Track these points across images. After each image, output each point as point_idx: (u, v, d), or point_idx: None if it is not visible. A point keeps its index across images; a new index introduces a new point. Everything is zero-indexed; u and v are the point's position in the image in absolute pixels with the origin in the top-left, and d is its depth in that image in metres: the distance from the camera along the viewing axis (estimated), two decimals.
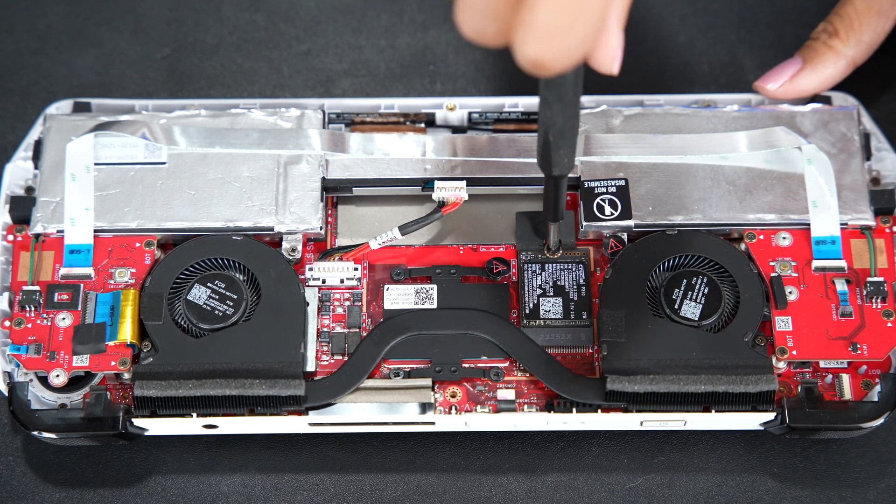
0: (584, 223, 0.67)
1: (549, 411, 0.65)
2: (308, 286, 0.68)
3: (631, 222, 0.67)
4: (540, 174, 0.60)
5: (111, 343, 0.65)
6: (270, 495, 0.67)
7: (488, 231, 0.70)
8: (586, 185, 0.68)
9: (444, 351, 0.66)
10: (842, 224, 0.67)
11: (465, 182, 0.68)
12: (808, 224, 0.67)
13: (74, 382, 0.66)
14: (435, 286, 0.68)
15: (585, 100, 0.70)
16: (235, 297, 0.65)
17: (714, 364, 0.64)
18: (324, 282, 0.68)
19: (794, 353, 0.65)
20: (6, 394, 0.65)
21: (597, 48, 0.51)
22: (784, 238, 0.67)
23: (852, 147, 0.68)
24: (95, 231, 0.67)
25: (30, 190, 0.70)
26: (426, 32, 0.79)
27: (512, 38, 0.47)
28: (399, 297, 0.67)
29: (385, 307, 0.67)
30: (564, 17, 0.46)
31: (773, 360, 0.65)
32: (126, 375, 0.65)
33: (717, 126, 0.69)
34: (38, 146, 0.70)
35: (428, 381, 0.65)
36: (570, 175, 0.68)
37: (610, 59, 0.51)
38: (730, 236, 0.68)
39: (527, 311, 0.67)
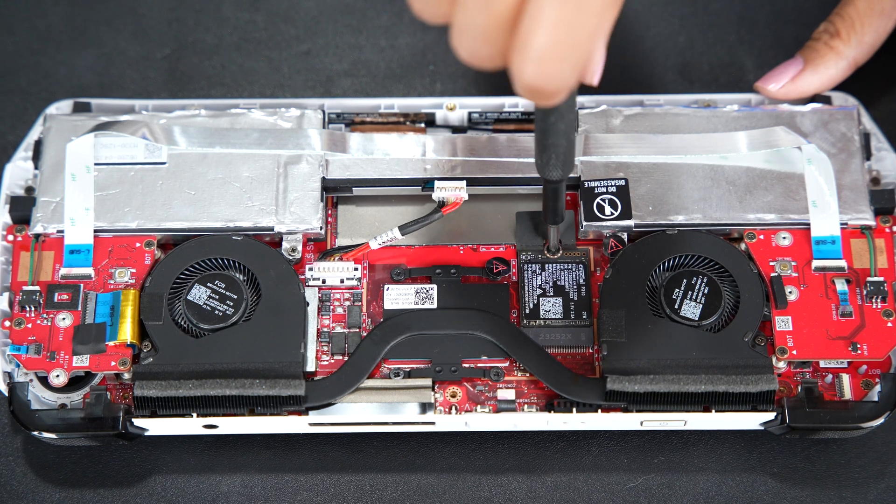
0: (584, 223, 0.67)
1: (549, 411, 0.65)
2: (308, 286, 0.68)
3: (631, 222, 0.67)
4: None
5: (111, 343, 0.65)
6: (270, 495, 0.67)
7: (488, 231, 0.70)
8: (586, 185, 0.68)
9: (444, 351, 0.66)
10: (842, 224, 0.67)
11: (465, 182, 0.68)
12: (808, 224, 0.67)
13: (74, 382, 0.66)
14: (435, 286, 0.68)
15: (585, 100, 0.70)
16: (235, 297, 0.65)
17: (714, 364, 0.64)
18: (324, 282, 0.68)
19: (795, 352, 0.65)
20: (6, 394, 0.65)
21: None
22: (784, 238, 0.67)
23: (852, 147, 0.68)
24: (95, 231, 0.67)
25: (30, 190, 0.70)
26: (426, 32, 0.79)
27: (509, 64, 0.48)
28: (399, 297, 0.67)
29: (385, 307, 0.67)
30: (558, 43, 0.47)
31: (773, 359, 0.65)
32: (126, 375, 0.65)
33: (717, 126, 0.69)
34: (38, 146, 0.70)
35: (428, 381, 0.65)
36: (570, 175, 0.68)
37: (591, 72, 0.54)
38: (730, 236, 0.68)
39: (527, 311, 0.67)
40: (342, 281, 0.68)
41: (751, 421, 0.65)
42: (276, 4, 0.80)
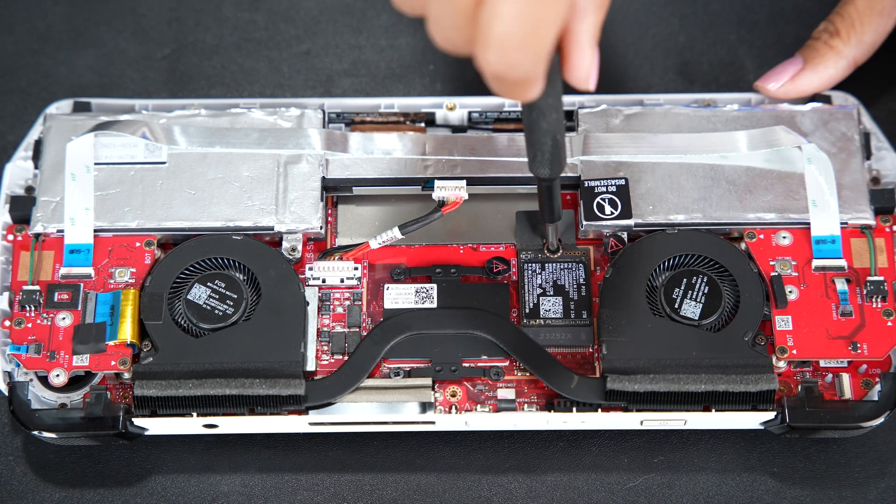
0: (584, 222, 0.67)
1: (549, 411, 0.65)
2: (308, 286, 0.68)
3: (631, 221, 0.67)
4: None
5: (111, 343, 0.65)
6: (270, 495, 0.67)
7: (488, 231, 0.70)
8: (586, 185, 0.68)
9: (444, 350, 0.66)
10: (842, 223, 0.67)
11: (465, 181, 0.68)
12: (808, 223, 0.67)
13: (74, 382, 0.66)
14: (435, 286, 0.68)
15: (585, 99, 0.71)
16: (235, 296, 0.65)
17: (714, 363, 0.64)
18: (324, 281, 0.68)
19: (795, 352, 0.65)
20: (6, 394, 0.65)
21: (570, 65, 0.53)
22: (784, 237, 0.67)
23: (852, 146, 0.68)
24: (95, 231, 0.67)
25: (30, 190, 0.70)
26: (426, 32, 0.79)
27: (474, 53, 0.49)
28: (399, 296, 0.67)
29: (385, 307, 0.67)
30: (517, 32, 0.48)
31: (774, 359, 0.65)
32: (126, 375, 0.65)
33: (717, 126, 0.69)
34: (38, 146, 0.70)
35: (428, 381, 0.65)
36: (570, 174, 0.68)
37: (584, 76, 0.53)
38: (730, 235, 0.68)
39: (527, 311, 0.67)
40: (342, 280, 0.68)
41: (751, 420, 0.65)
42: (276, 4, 0.80)
